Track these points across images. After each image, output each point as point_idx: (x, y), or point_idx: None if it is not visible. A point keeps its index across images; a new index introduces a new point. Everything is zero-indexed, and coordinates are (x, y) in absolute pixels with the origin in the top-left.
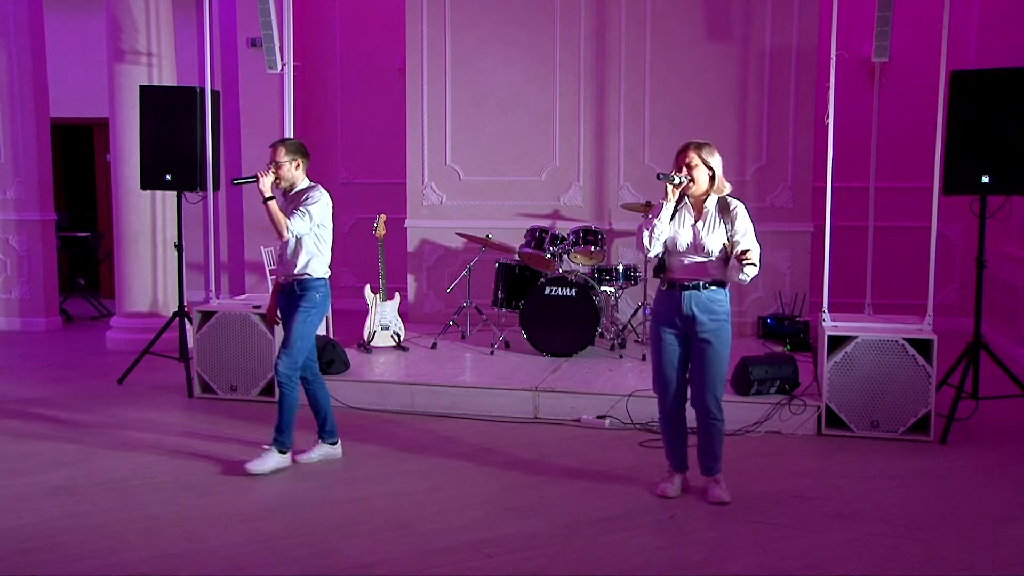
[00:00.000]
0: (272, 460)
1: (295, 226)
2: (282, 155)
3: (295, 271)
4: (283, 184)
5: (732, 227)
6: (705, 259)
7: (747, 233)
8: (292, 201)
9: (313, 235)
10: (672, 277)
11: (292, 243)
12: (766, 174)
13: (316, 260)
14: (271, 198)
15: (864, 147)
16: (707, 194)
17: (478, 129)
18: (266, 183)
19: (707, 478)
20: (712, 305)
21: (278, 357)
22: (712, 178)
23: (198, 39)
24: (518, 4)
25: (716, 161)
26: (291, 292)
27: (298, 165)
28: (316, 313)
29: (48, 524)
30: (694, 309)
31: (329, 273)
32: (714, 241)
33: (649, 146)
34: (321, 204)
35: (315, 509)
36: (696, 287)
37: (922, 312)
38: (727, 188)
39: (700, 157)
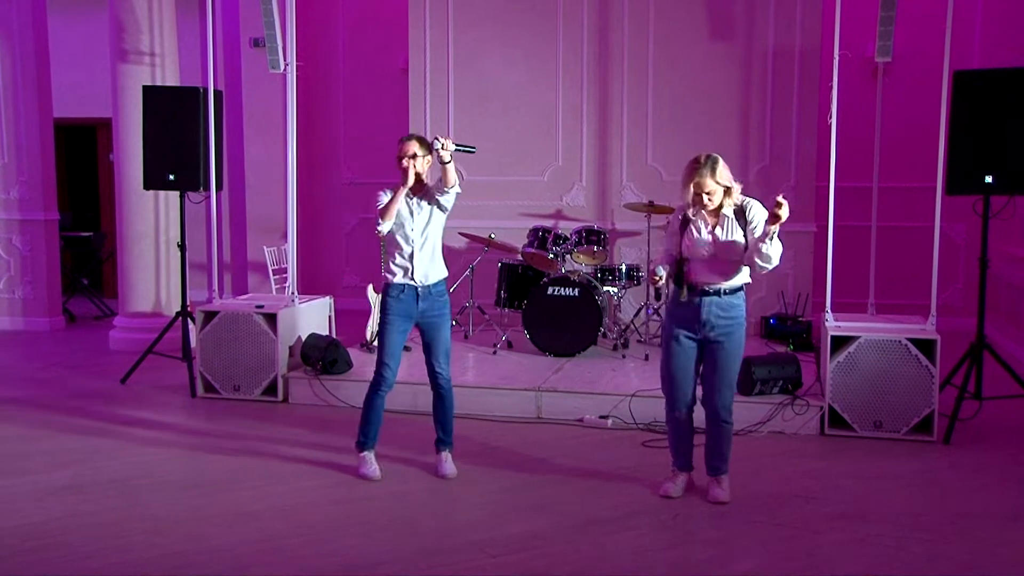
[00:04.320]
0: (451, 462)
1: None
2: (416, 148)
3: (433, 273)
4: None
5: (749, 225)
6: (723, 263)
7: (762, 220)
8: (426, 196)
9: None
10: (692, 280)
11: (433, 244)
12: (769, 174)
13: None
14: (449, 161)
15: (867, 147)
16: (722, 202)
17: (481, 129)
18: (423, 164)
19: (711, 478)
20: (729, 310)
21: (441, 367)
22: (727, 191)
23: (201, 39)
24: (521, 4)
25: (727, 176)
26: (429, 297)
27: (428, 161)
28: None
29: (53, 523)
30: (711, 314)
31: None
32: (735, 239)
33: (652, 146)
34: None
35: (318, 508)
36: (717, 293)
37: (925, 312)
38: (738, 188)
39: (714, 181)
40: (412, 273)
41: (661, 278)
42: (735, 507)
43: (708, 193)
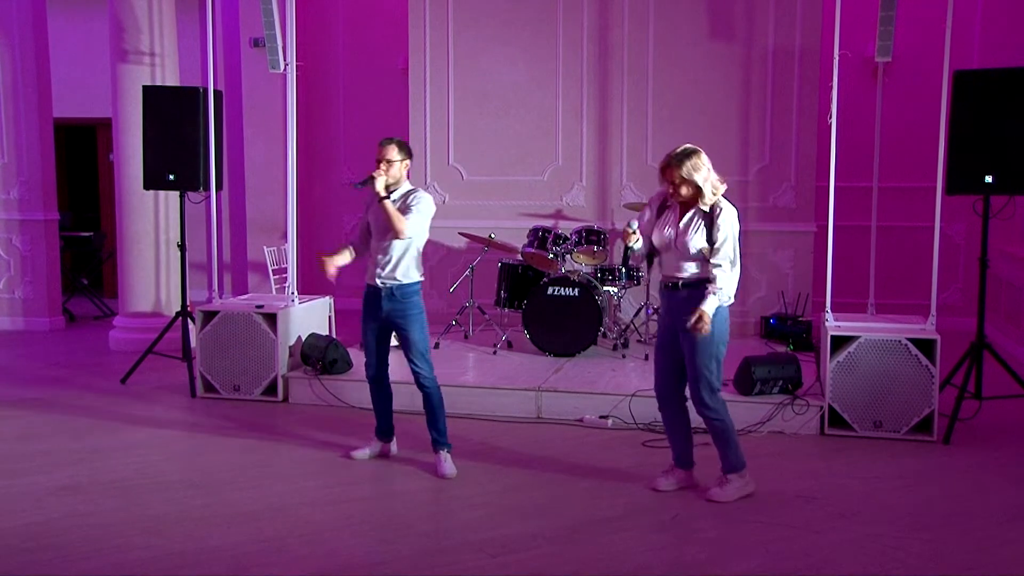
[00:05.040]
0: (450, 462)
1: (412, 226)
2: (394, 153)
3: (397, 275)
4: (388, 182)
5: (714, 233)
6: (682, 257)
7: (724, 243)
8: (398, 202)
9: (418, 238)
10: (662, 274)
11: (399, 247)
12: (769, 174)
13: (416, 263)
14: (387, 197)
15: (867, 147)
16: (695, 199)
17: (481, 129)
18: (381, 183)
19: (719, 475)
20: (689, 305)
21: (417, 366)
22: (698, 189)
23: (201, 39)
24: (521, 4)
25: (701, 175)
26: (391, 298)
27: (406, 165)
28: (424, 316)
29: (51, 523)
30: (673, 305)
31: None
32: (694, 242)
33: (651, 145)
34: (429, 206)
35: (317, 509)
36: (675, 287)
37: (925, 312)
38: (721, 189)
39: (680, 174)
40: (375, 274)
41: (635, 232)
42: (735, 507)
43: (674, 183)
